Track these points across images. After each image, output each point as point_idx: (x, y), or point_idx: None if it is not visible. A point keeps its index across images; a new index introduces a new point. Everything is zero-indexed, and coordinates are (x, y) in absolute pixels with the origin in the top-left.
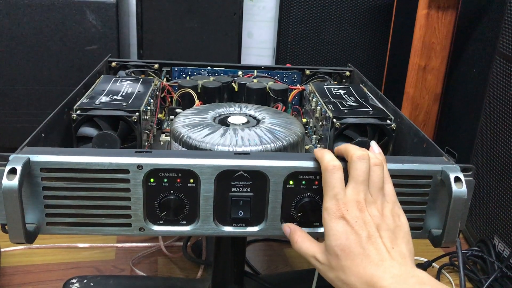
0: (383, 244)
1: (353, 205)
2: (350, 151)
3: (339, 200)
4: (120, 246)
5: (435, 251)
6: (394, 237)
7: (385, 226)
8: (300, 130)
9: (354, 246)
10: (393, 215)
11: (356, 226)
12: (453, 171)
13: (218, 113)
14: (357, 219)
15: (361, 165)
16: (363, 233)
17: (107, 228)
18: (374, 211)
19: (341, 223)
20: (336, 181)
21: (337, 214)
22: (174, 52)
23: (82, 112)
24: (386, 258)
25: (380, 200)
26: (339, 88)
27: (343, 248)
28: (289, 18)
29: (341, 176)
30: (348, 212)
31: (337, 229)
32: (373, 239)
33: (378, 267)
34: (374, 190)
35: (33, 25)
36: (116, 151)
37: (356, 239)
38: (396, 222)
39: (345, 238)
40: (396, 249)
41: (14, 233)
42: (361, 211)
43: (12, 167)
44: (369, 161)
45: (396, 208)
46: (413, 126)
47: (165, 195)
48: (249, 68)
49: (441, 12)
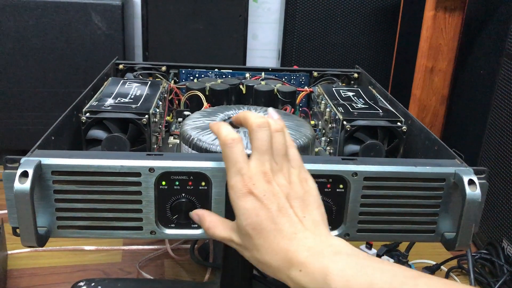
0: (295, 214)
1: (259, 178)
2: (249, 120)
3: (244, 175)
4: (127, 248)
5: (443, 254)
6: (304, 204)
7: (294, 194)
8: (310, 133)
9: (265, 222)
10: (300, 181)
11: (265, 200)
12: (466, 173)
13: (228, 115)
14: (266, 192)
15: (262, 133)
16: (273, 207)
17: (118, 232)
18: (282, 180)
19: (249, 200)
20: (238, 155)
21: (243, 190)
22: (179, 54)
23: (91, 114)
24: (299, 230)
25: (286, 166)
26: (348, 90)
27: (254, 227)
28: (295, 20)
29: (242, 149)
30: (255, 186)
31: (245, 207)
32: (284, 210)
33: (291, 241)
34: (279, 157)
35: (38, 27)
36: (127, 154)
37: (266, 214)
38: (304, 188)
39: (255, 215)
40: (308, 217)
41: (26, 237)
42: (268, 182)
43: (24, 170)
44: (269, 128)
45: (302, 172)
46: (424, 129)
47: (176, 198)
48: (257, 70)
49: (448, 13)
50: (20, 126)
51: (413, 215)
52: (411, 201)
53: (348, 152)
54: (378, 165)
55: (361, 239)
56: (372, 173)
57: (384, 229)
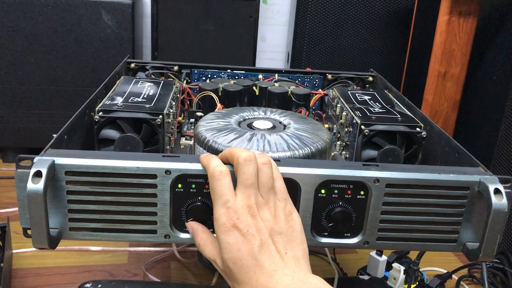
0: (276, 251)
1: (244, 212)
2: (236, 154)
3: (229, 208)
4: (133, 250)
5: (453, 262)
6: (287, 239)
7: (278, 229)
8: (328, 136)
9: (246, 258)
10: (286, 215)
11: (248, 235)
12: (492, 182)
13: (242, 117)
14: (249, 227)
15: (248, 167)
16: (256, 242)
17: (131, 235)
18: (267, 214)
19: (233, 234)
20: (224, 187)
21: (227, 224)
22: (189, 55)
23: (104, 114)
24: (279, 267)
25: (272, 200)
26: (363, 94)
27: (235, 261)
28: (306, 22)
29: (229, 181)
30: (239, 221)
31: (228, 241)
32: (266, 246)
33: (271, 278)
34: (265, 191)
35: (48, 25)
36: (143, 155)
37: (248, 250)
38: (289, 223)
39: (236, 250)
40: (290, 253)
41: (37, 238)
42: (253, 216)
43: (38, 170)
44: (256, 161)
45: (288, 205)
46: (444, 135)
47: (192, 201)
48: (270, 71)
49: (463, 18)
50: (28, 124)
51: (435, 223)
52: (434, 209)
53: (366, 157)
54: (400, 172)
55: (381, 247)
56: (394, 180)
57: (405, 237)
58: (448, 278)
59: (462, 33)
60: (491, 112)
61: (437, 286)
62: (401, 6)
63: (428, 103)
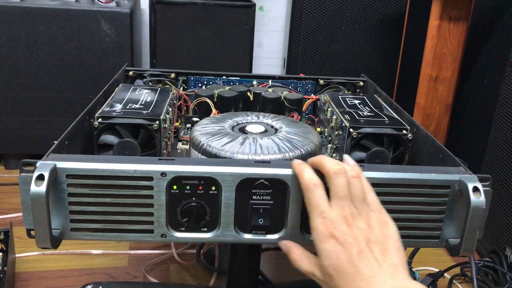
0: (374, 258)
1: (340, 222)
2: (326, 167)
3: (325, 218)
4: (133, 253)
5: (446, 261)
6: (384, 248)
7: (374, 238)
8: (317, 139)
9: (345, 265)
10: (380, 224)
11: (346, 243)
12: (471, 181)
13: (236, 122)
14: (346, 235)
15: (339, 180)
16: (354, 250)
17: (129, 234)
18: (362, 224)
19: (331, 242)
20: (319, 199)
21: (325, 233)
22: (186, 62)
23: (103, 120)
24: (378, 273)
25: (365, 211)
26: (353, 98)
27: (335, 268)
28: (300, 28)
29: (323, 193)
30: (336, 230)
31: (327, 249)
32: (364, 254)
33: (370, 284)
34: (357, 202)
35: (48, 34)
36: (140, 159)
37: (347, 257)
38: (384, 232)
39: (336, 257)
40: (388, 260)
41: (40, 238)
42: (349, 226)
43: (40, 174)
44: (346, 174)
45: (382, 216)
46: (429, 136)
47: (187, 202)
48: (264, 77)
49: (453, 23)
50: (30, 131)
51: (418, 221)
52: (417, 207)
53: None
54: (384, 172)
55: None
56: (379, 179)
57: None
58: (440, 276)
59: (452, 37)
60: (482, 115)
61: (429, 285)
62: (393, 12)
63: (420, 107)
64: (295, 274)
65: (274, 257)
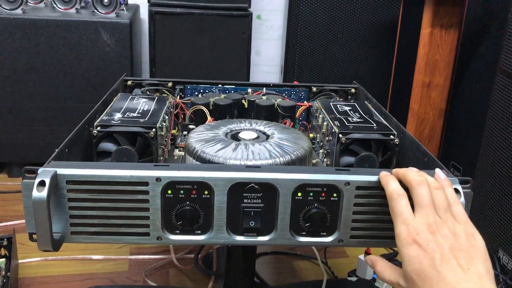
0: (458, 265)
1: (423, 229)
2: (408, 177)
3: (409, 224)
4: (133, 258)
5: None
6: (469, 257)
7: (458, 246)
8: (308, 145)
9: (428, 269)
10: (466, 235)
11: (428, 249)
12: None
13: (230, 129)
14: (429, 242)
15: (420, 190)
16: (436, 255)
17: (127, 237)
18: (446, 231)
19: (413, 248)
20: (402, 207)
21: (408, 239)
22: (186, 70)
23: (102, 128)
24: (461, 280)
25: (450, 220)
26: (344, 105)
27: (418, 273)
28: (296, 36)
29: (407, 202)
30: (419, 236)
31: (409, 254)
32: (447, 260)
33: None
34: (441, 212)
35: (50, 44)
36: (136, 165)
37: (429, 262)
38: (470, 242)
39: (418, 263)
40: (472, 269)
41: (42, 242)
42: (432, 233)
43: (41, 180)
44: (427, 184)
45: (469, 227)
46: (415, 141)
47: (181, 206)
48: (258, 85)
49: (444, 30)
50: (31, 140)
51: None
52: None
53: (344, 163)
54: (369, 175)
55: (354, 245)
56: (363, 183)
57: (376, 235)
58: None
59: (444, 44)
60: (475, 119)
61: None
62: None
63: (414, 112)
64: (291, 277)
65: (270, 261)
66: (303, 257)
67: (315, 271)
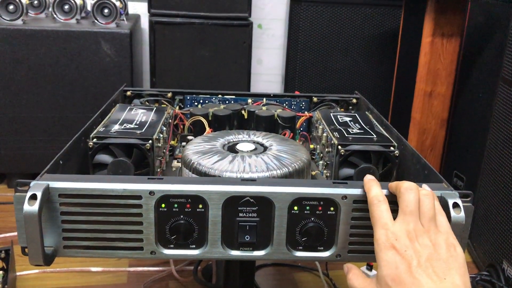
0: (435, 274)
1: (402, 235)
2: (399, 185)
3: (388, 230)
4: (132, 270)
5: None
6: (447, 267)
7: (437, 256)
8: (306, 157)
9: (404, 275)
10: (447, 245)
11: (406, 255)
12: (451, 197)
13: (227, 140)
14: (407, 248)
15: (408, 195)
16: (413, 262)
17: (120, 252)
18: (426, 241)
19: (391, 253)
20: (382, 212)
21: (386, 244)
22: (186, 80)
23: (98, 140)
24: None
25: (433, 230)
26: (345, 116)
27: (393, 278)
28: (297, 46)
29: (387, 208)
30: (397, 242)
31: (386, 259)
32: (424, 268)
33: None
34: (425, 220)
35: (50, 55)
36: (129, 178)
37: (406, 268)
38: (450, 252)
39: (394, 268)
40: (449, 279)
41: (34, 256)
42: (411, 240)
43: (33, 193)
44: (417, 191)
45: (450, 238)
46: (415, 153)
47: (175, 220)
48: (259, 96)
49: (445, 39)
50: (31, 151)
51: None
52: None
53: (343, 175)
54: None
55: (352, 260)
56: (361, 196)
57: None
58: None
59: (445, 53)
60: (478, 128)
61: None
62: (387, 30)
63: (416, 121)
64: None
65: (271, 273)
66: (304, 269)
67: (316, 283)
